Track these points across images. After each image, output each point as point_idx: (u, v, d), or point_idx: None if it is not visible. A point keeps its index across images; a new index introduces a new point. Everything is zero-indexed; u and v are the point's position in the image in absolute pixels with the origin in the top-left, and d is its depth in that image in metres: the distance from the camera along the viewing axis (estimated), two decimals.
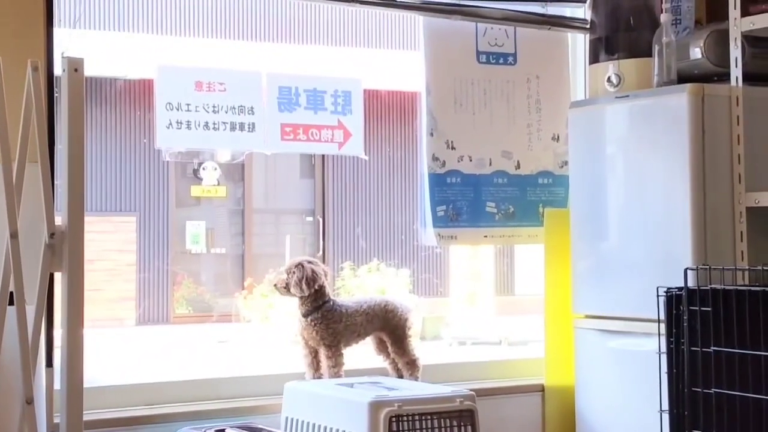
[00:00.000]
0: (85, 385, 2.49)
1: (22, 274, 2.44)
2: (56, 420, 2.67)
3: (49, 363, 2.90)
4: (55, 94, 2.94)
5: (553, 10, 3.81)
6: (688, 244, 3.11)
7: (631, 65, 3.50)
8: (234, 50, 8.28)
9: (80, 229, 2.46)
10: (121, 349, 7.80)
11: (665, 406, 2.84)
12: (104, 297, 9.02)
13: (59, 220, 2.51)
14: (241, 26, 8.94)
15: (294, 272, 3.27)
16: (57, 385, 2.63)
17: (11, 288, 2.45)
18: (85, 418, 2.48)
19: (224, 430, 2.94)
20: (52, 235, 2.47)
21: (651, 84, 3.37)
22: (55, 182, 2.80)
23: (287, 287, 3.28)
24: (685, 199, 3.13)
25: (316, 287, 3.25)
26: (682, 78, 3.30)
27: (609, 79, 3.52)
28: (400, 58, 8.36)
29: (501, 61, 3.75)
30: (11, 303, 2.45)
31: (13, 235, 2.44)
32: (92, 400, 2.87)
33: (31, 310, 2.46)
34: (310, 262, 3.29)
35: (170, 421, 3.06)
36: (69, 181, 2.47)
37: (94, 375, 3.00)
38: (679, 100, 3.16)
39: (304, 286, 3.24)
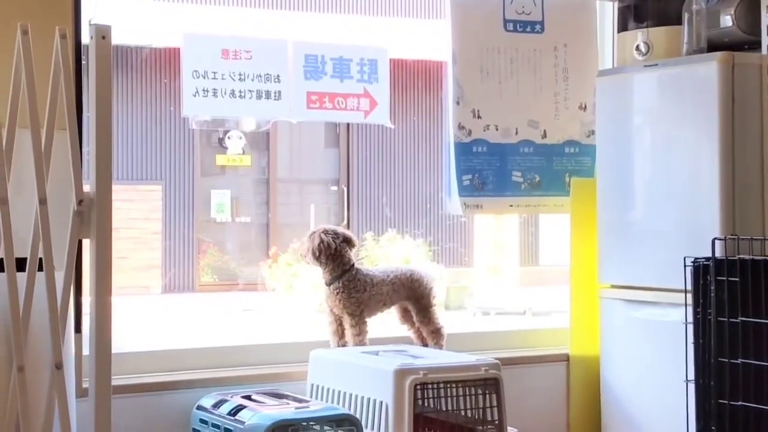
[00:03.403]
0: (113, 351, 2.51)
1: (51, 241, 2.46)
2: (85, 385, 2.70)
3: (78, 329, 2.93)
4: (83, 62, 2.95)
5: None
6: (716, 214, 3.08)
7: (660, 33, 3.47)
8: (260, 18, 8.27)
9: (108, 195, 2.48)
10: (148, 316, 7.87)
11: (691, 375, 2.83)
12: (130, 265, 9.09)
13: (87, 187, 2.52)
14: None
15: (306, 243, 3.28)
16: (86, 351, 2.66)
17: (40, 254, 2.47)
18: (113, 383, 2.51)
19: (250, 396, 2.96)
20: (80, 202, 2.49)
21: (680, 52, 3.33)
22: (83, 149, 2.81)
23: (306, 256, 3.31)
24: (714, 169, 3.10)
25: (324, 258, 3.25)
26: (712, 46, 3.26)
27: (638, 48, 3.49)
28: (426, 26, 8.32)
29: (528, 29, 3.72)
30: (40, 269, 2.48)
31: (42, 202, 2.46)
32: (120, 365, 2.90)
33: (60, 276, 2.48)
34: (325, 232, 3.28)
35: (197, 387, 3.09)
36: (97, 148, 2.48)
37: (122, 341, 3.03)
38: (709, 68, 3.12)
39: (310, 257, 3.26)
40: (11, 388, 2.47)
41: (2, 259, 2.44)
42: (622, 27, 3.62)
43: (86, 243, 2.55)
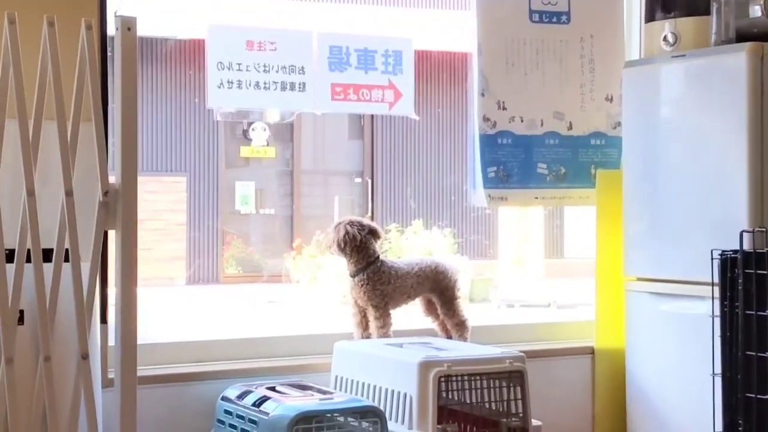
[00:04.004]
0: (138, 341, 2.52)
1: (77, 232, 2.47)
2: (111, 375, 2.71)
3: (104, 319, 2.95)
4: (108, 54, 2.96)
5: None
6: (744, 206, 3.05)
7: (688, 24, 3.43)
8: (285, 9, 8.27)
9: (134, 187, 2.49)
10: (172, 308, 7.91)
11: (718, 369, 2.81)
12: (154, 256, 9.14)
13: (112, 178, 2.54)
14: None
15: (332, 234, 3.28)
16: (111, 341, 2.67)
17: (66, 245, 2.49)
18: (139, 373, 2.52)
19: (275, 387, 2.97)
20: (106, 193, 2.50)
21: (708, 43, 3.30)
22: (108, 141, 2.82)
23: (331, 247, 3.31)
24: (742, 161, 3.07)
25: (349, 250, 3.24)
26: (741, 37, 3.22)
27: (665, 38, 3.46)
28: (451, 17, 8.30)
29: (554, 20, 3.69)
30: (66, 260, 2.49)
31: (68, 193, 2.47)
32: (145, 356, 2.91)
33: (86, 267, 2.49)
34: (351, 223, 3.27)
35: (221, 378, 3.10)
36: (122, 140, 2.49)
37: (147, 332, 3.04)
38: (738, 59, 3.09)
39: (335, 249, 3.25)
40: (38, 378, 2.49)
41: (29, 249, 2.46)
42: (650, 17, 3.59)
43: (111, 234, 2.57)
